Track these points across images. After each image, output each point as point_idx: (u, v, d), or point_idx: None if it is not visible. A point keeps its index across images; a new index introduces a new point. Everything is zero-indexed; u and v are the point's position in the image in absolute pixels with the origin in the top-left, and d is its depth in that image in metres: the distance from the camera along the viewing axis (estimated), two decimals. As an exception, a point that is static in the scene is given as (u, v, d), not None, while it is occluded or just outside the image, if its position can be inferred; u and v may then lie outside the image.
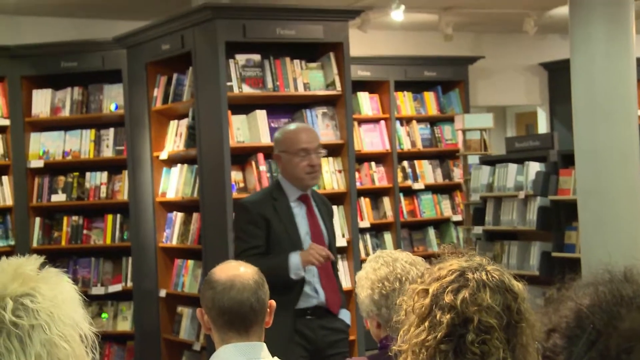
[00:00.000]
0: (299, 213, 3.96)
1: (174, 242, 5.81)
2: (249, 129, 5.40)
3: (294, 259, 3.80)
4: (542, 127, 9.51)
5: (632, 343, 1.13)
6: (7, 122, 6.47)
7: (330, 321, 3.92)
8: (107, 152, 6.48)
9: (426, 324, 1.62)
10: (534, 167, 6.38)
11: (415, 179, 7.76)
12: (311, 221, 3.97)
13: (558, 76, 8.78)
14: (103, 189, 6.48)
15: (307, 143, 3.95)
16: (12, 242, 6.46)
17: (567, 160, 6.02)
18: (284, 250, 3.85)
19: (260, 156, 5.34)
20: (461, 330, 1.60)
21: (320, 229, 3.99)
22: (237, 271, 2.39)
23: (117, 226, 6.47)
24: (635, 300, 1.21)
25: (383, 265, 2.57)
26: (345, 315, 4.00)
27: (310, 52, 5.58)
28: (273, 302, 2.44)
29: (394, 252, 2.66)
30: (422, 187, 7.75)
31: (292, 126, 4.13)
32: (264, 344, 2.37)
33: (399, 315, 1.71)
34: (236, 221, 4.03)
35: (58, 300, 1.51)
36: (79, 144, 6.51)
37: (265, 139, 5.36)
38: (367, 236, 7.50)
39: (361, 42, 7.51)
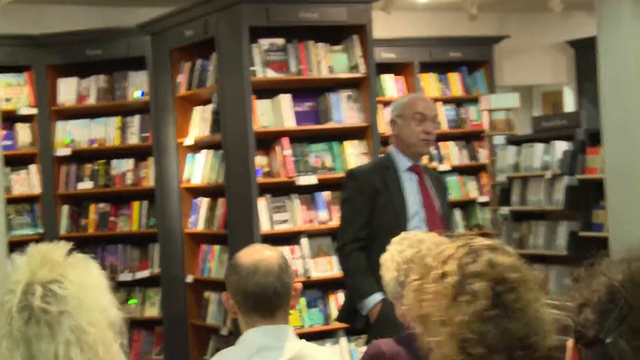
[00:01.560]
0: (409, 183, 3.90)
1: (200, 227, 5.84)
2: (273, 114, 5.39)
3: (372, 300, 3.71)
4: (569, 105, 9.43)
5: None
6: (34, 111, 6.52)
7: None
8: (133, 139, 6.52)
9: (462, 298, 1.59)
10: (561, 147, 6.33)
11: (441, 160, 7.73)
12: (423, 191, 3.90)
13: (585, 54, 8.68)
14: (129, 176, 6.52)
15: (424, 109, 3.92)
16: (40, 230, 6.52)
17: (595, 138, 5.96)
18: (388, 220, 3.77)
19: (285, 140, 5.33)
20: (500, 291, 1.58)
21: (432, 200, 3.91)
22: (262, 255, 2.39)
23: (144, 213, 6.51)
24: None
25: (409, 247, 2.57)
26: None
27: (333, 35, 5.56)
28: (299, 285, 2.45)
29: (418, 233, 2.65)
30: (448, 168, 7.71)
31: (410, 94, 4.14)
32: (290, 327, 2.38)
33: (419, 312, 1.66)
34: (344, 189, 3.99)
35: (86, 286, 1.52)
36: (104, 131, 6.54)
37: (290, 123, 5.35)
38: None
39: (385, 24, 7.46)
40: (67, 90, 6.58)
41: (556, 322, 1.64)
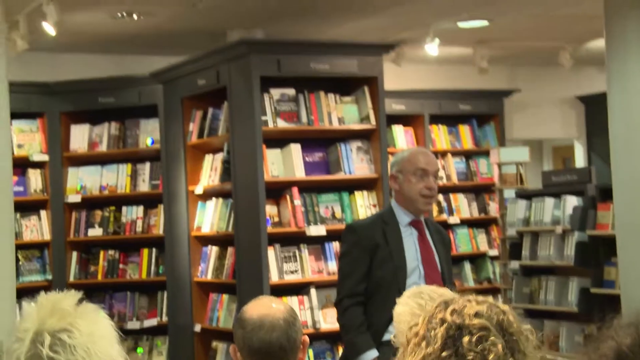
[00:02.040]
0: (410, 238, 3.83)
1: (209, 276, 5.82)
2: (284, 163, 5.41)
3: (367, 357, 3.66)
4: (580, 160, 9.42)
5: None
6: (45, 158, 6.55)
7: None
8: (143, 187, 6.53)
9: (423, 344, 1.66)
10: (572, 202, 6.31)
11: (451, 212, 7.71)
12: (422, 247, 3.83)
13: (595, 109, 8.71)
14: (139, 223, 6.52)
15: (426, 164, 3.84)
16: (49, 277, 6.51)
17: (605, 194, 5.95)
18: (387, 275, 3.74)
19: (295, 190, 5.34)
20: (456, 336, 1.64)
21: (433, 255, 3.84)
22: (268, 309, 2.37)
23: (153, 260, 6.50)
24: None
25: (429, 301, 2.54)
26: None
27: (344, 86, 5.60)
28: (306, 338, 2.42)
29: (435, 288, 2.61)
30: (458, 221, 7.69)
31: (411, 148, 4.09)
32: (298, 381, 2.35)
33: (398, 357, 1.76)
34: (343, 243, 3.94)
35: (95, 336, 1.51)
36: (115, 178, 6.57)
37: (300, 173, 5.37)
38: (402, 271, 7.44)
39: (395, 76, 7.52)
40: (79, 137, 6.63)
41: None
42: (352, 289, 3.77)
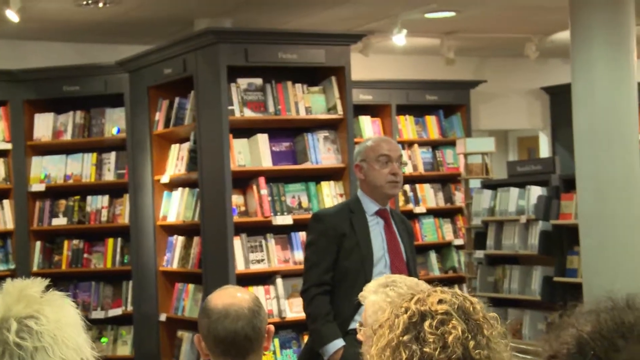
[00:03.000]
0: (376, 228, 3.85)
1: (175, 266, 5.80)
2: (250, 153, 5.40)
3: (333, 346, 3.69)
4: (544, 151, 9.52)
5: None
6: (8, 146, 6.48)
7: None
8: (109, 176, 6.49)
9: (386, 330, 1.68)
10: (536, 191, 6.37)
11: (417, 202, 7.76)
12: (389, 237, 3.86)
13: (560, 100, 8.80)
14: (104, 212, 6.48)
15: (389, 150, 3.87)
16: (12, 266, 6.45)
17: (569, 184, 6.02)
18: (354, 264, 3.75)
19: (262, 180, 5.34)
20: (418, 322, 1.67)
21: (399, 245, 3.87)
22: (233, 299, 2.37)
23: (118, 250, 6.46)
24: (636, 328, 1.21)
25: (399, 294, 2.55)
26: None
27: (311, 76, 5.60)
28: (271, 327, 2.43)
29: (409, 278, 2.63)
30: (424, 210, 7.74)
31: (373, 137, 4.10)
32: (263, 369, 2.36)
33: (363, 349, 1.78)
34: (310, 231, 3.93)
35: (62, 323, 1.51)
36: (80, 167, 6.51)
37: (267, 163, 5.37)
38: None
39: (363, 66, 7.53)
40: (43, 126, 6.56)
41: None
42: (319, 278, 3.78)
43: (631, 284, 4.71)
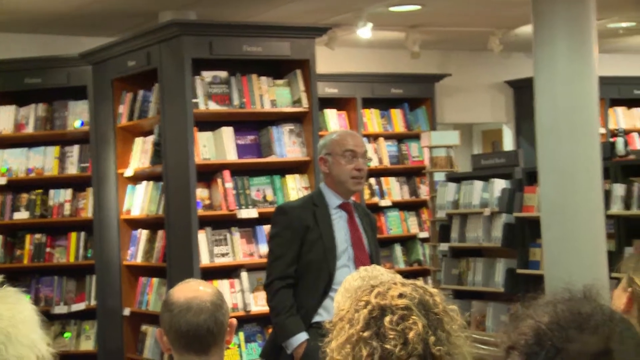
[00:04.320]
0: (339, 221, 3.84)
1: (139, 260, 5.77)
2: (215, 146, 5.38)
3: (297, 340, 3.69)
4: (508, 144, 9.59)
5: None
6: (-31, 139, 6.39)
7: None
8: (72, 169, 6.42)
9: (346, 327, 1.69)
10: (499, 184, 6.42)
11: (382, 195, 7.78)
12: (352, 230, 3.85)
13: (523, 94, 8.87)
14: (67, 206, 6.41)
15: (354, 146, 3.86)
16: (-27, 260, 6.37)
17: (532, 177, 6.07)
18: (317, 257, 3.74)
19: (227, 173, 5.32)
20: (378, 317, 1.67)
21: (362, 237, 3.86)
22: (195, 292, 2.36)
23: (81, 244, 6.40)
24: (593, 319, 1.22)
25: (359, 279, 2.57)
26: None
27: (276, 69, 5.59)
28: (234, 321, 2.43)
29: (379, 269, 2.64)
30: (389, 203, 7.77)
31: (339, 130, 4.07)
32: (224, 364, 2.35)
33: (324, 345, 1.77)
34: (273, 224, 3.90)
35: (16, 320, 1.49)
36: (42, 160, 6.44)
37: (232, 156, 5.35)
38: (334, 253, 7.48)
39: (328, 59, 7.53)
40: (5, 119, 6.47)
41: (475, 357, 1.71)
42: (283, 271, 3.78)
43: (592, 275, 4.76)
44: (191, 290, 2.37)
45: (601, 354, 1.16)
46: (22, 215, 6.42)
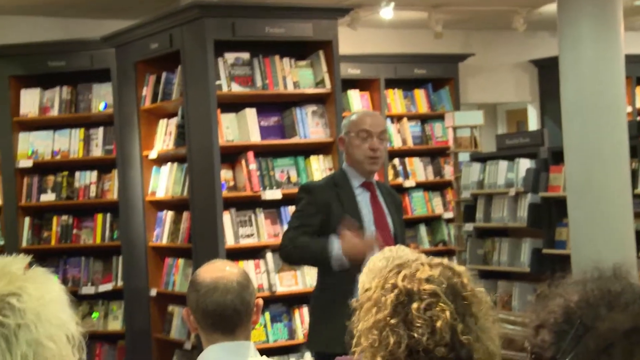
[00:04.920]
0: (362, 199, 3.85)
1: (164, 241, 5.80)
2: (239, 128, 5.39)
3: (333, 245, 3.63)
4: (533, 124, 9.53)
5: (612, 342, 1.13)
6: (-5, 122, 6.44)
7: None
8: (97, 152, 6.46)
9: (373, 310, 1.68)
10: (525, 164, 6.39)
11: (406, 176, 7.77)
12: (375, 208, 3.85)
13: (548, 73, 8.79)
14: (92, 188, 6.46)
15: (371, 126, 3.86)
16: (1, 242, 6.44)
17: (558, 157, 6.03)
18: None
19: (250, 154, 5.33)
20: (406, 302, 1.66)
21: (385, 217, 3.86)
22: (221, 272, 2.37)
23: (107, 225, 6.45)
24: (622, 296, 1.21)
25: (383, 259, 2.58)
26: None
27: (299, 50, 5.57)
28: (260, 301, 2.43)
29: (404, 250, 2.64)
30: (413, 184, 7.75)
31: (360, 111, 4.06)
32: (251, 343, 2.36)
33: (353, 322, 1.77)
34: (297, 201, 3.91)
35: (45, 300, 1.50)
36: (68, 143, 6.48)
37: (255, 138, 5.35)
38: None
39: (351, 40, 7.50)
40: (30, 102, 6.52)
41: (502, 337, 1.70)
42: (295, 234, 3.76)
43: (620, 255, 4.73)
44: (218, 271, 2.38)
45: (631, 332, 1.15)
46: (48, 197, 6.48)
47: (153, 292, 5.87)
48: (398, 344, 1.65)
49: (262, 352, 2.41)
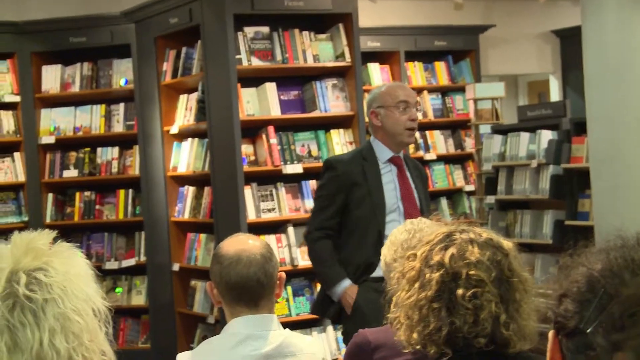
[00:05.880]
0: (389, 175, 3.82)
1: (186, 216, 5.83)
2: (259, 102, 5.38)
3: (341, 286, 3.71)
4: (555, 95, 9.45)
5: (637, 308, 1.12)
6: (17, 99, 6.47)
7: None
8: (118, 127, 6.49)
9: (416, 285, 1.66)
10: (546, 136, 6.35)
11: (427, 149, 7.74)
12: (402, 183, 3.82)
13: (570, 43, 8.70)
14: (114, 164, 6.49)
15: (407, 96, 3.83)
16: (25, 218, 6.50)
17: (580, 128, 5.99)
18: (365, 213, 3.73)
19: (271, 129, 5.33)
20: (451, 286, 1.63)
21: (412, 191, 3.84)
22: (245, 245, 2.38)
23: (129, 201, 6.49)
24: None
25: (405, 232, 2.57)
26: None
27: (319, 23, 5.55)
28: (283, 274, 2.44)
29: (426, 222, 2.63)
30: (434, 157, 7.72)
31: (387, 84, 4.03)
32: (274, 316, 2.37)
33: (391, 284, 1.74)
34: (321, 177, 3.90)
35: (71, 275, 1.51)
36: (89, 119, 6.51)
37: (275, 112, 5.35)
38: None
39: (370, 13, 7.46)
40: (51, 78, 6.55)
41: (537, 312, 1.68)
42: (323, 222, 3.79)
43: (642, 226, 4.69)
44: (241, 243, 2.39)
45: None
46: (71, 173, 6.52)
47: (176, 267, 5.92)
48: (439, 328, 1.63)
49: (285, 325, 2.42)
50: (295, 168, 5.32)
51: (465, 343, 1.64)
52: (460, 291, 1.64)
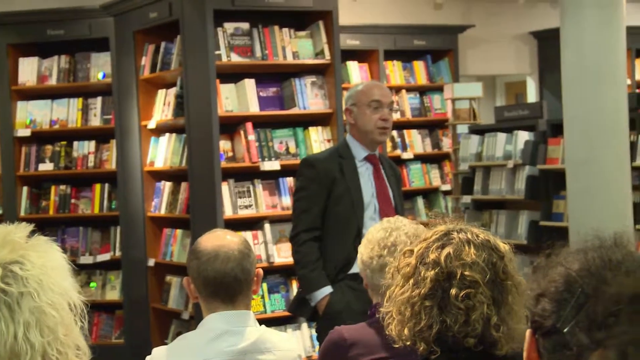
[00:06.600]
0: (365, 173, 3.85)
1: (163, 211, 5.80)
2: (238, 98, 5.37)
3: (321, 293, 3.72)
4: (532, 96, 9.51)
5: (619, 307, 1.13)
6: (-7, 91, 6.41)
7: None
8: (95, 121, 6.45)
9: (411, 282, 1.66)
10: (523, 136, 6.38)
11: (404, 148, 7.76)
12: (377, 182, 3.85)
13: (548, 45, 8.76)
14: (91, 158, 6.45)
15: (380, 96, 3.85)
16: (-1, 211, 6.45)
17: (556, 129, 6.03)
18: (345, 209, 3.75)
19: (249, 125, 5.32)
20: (445, 285, 1.63)
21: (387, 190, 3.87)
22: (223, 241, 2.38)
23: (105, 195, 6.45)
24: (623, 265, 1.22)
25: (382, 230, 2.58)
26: None
27: (299, 20, 5.54)
28: (260, 271, 2.44)
29: (402, 221, 2.64)
30: (411, 156, 7.75)
31: (365, 82, 4.04)
32: (251, 312, 2.37)
33: (386, 278, 1.74)
34: (299, 176, 3.90)
35: (47, 268, 1.50)
36: (66, 112, 6.46)
37: (254, 108, 5.34)
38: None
39: (350, 11, 7.46)
40: (28, 70, 6.49)
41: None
42: (310, 223, 3.79)
43: (616, 226, 4.73)
44: (219, 239, 2.39)
45: (636, 297, 1.15)
46: (46, 166, 6.47)
47: (151, 262, 5.89)
48: (429, 326, 1.64)
49: (260, 322, 2.42)
50: (273, 165, 5.32)
51: (454, 342, 1.64)
52: (453, 291, 1.64)
